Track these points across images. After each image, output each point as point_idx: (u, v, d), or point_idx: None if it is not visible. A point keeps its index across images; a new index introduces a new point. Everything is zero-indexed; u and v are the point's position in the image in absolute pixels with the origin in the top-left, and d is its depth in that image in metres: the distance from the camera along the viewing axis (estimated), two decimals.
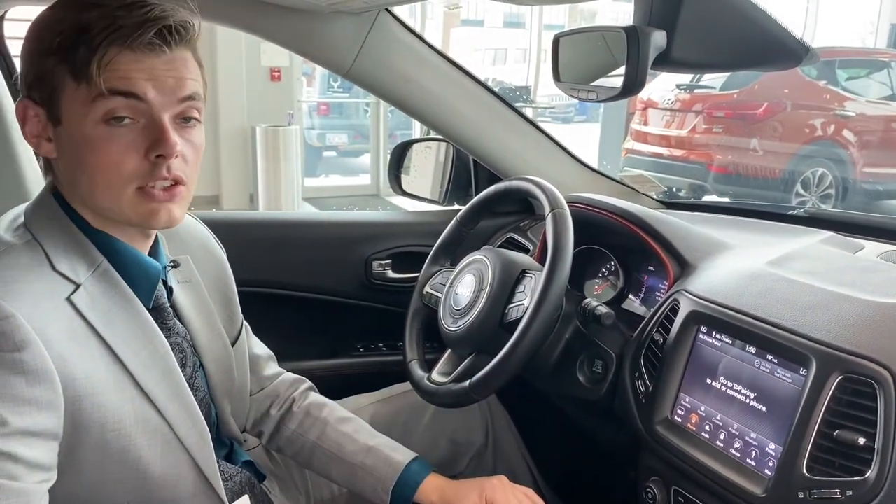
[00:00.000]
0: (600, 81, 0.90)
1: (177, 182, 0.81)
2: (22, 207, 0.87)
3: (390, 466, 1.04)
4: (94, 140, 0.77)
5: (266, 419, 1.14)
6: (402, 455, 1.06)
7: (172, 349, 0.89)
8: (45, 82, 0.78)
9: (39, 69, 0.78)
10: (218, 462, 0.95)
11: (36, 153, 0.86)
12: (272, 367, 1.19)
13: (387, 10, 1.38)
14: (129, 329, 0.83)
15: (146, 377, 0.83)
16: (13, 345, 0.72)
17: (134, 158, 0.78)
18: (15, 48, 1.33)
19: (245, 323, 1.13)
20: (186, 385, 0.88)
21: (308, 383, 1.19)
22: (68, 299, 0.78)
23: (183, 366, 0.92)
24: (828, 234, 1.24)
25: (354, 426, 1.11)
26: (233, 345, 1.05)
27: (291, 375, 1.20)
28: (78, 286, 0.80)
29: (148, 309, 0.87)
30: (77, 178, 0.81)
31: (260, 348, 1.19)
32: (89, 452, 0.79)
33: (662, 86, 6.82)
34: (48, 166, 0.86)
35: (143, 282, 0.87)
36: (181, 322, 0.96)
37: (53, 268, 0.79)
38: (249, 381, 1.12)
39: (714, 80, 6.57)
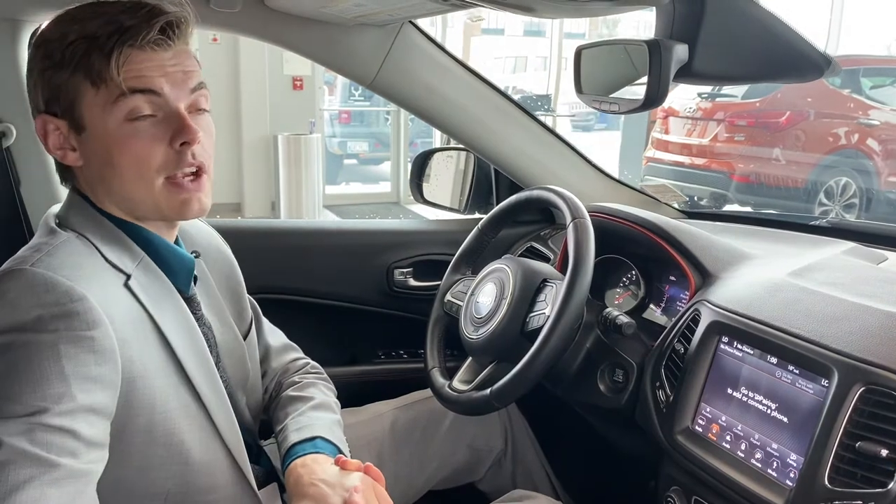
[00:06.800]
0: (622, 93, 0.91)
1: (200, 169, 0.86)
2: (53, 209, 0.89)
3: (285, 441, 1.00)
4: (121, 138, 0.81)
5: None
6: (297, 435, 1.00)
7: None
8: (63, 94, 0.81)
9: (54, 83, 0.82)
10: None
11: (60, 164, 0.88)
12: (283, 357, 1.18)
13: (410, 21, 1.40)
14: (175, 316, 0.87)
15: (190, 363, 0.86)
16: (86, 324, 0.75)
17: (160, 150, 0.83)
18: None
19: (259, 315, 1.15)
20: (217, 373, 0.91)
21: (312, 365, 1.17)
22: (126, 285, 0.82)
23: None
24: (850, 244, 1.23)
25: (298, 402, 1.07)
26: (244, 338, 1.08)
27: (303, 361, 1.18)
28: (129, 276, 0.83)
29: (185, 298, 0.91)
30: (108, 177, 0.84)
31: (274, 338, 1.18)
32: (137, 435, 0.82)
33: (684, 94, 6.78)
34: (67, 175, 0.88)
35: (181, 270, 0.92)
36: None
37: (105, 258, 0.83)
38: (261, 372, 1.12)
39: (736, 89, 6.49)
